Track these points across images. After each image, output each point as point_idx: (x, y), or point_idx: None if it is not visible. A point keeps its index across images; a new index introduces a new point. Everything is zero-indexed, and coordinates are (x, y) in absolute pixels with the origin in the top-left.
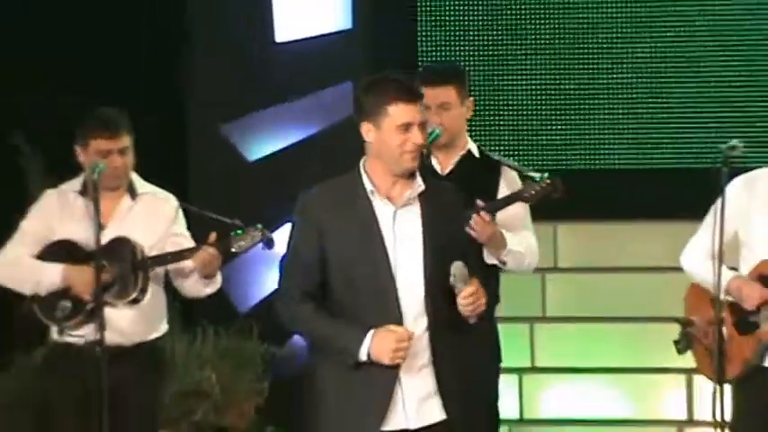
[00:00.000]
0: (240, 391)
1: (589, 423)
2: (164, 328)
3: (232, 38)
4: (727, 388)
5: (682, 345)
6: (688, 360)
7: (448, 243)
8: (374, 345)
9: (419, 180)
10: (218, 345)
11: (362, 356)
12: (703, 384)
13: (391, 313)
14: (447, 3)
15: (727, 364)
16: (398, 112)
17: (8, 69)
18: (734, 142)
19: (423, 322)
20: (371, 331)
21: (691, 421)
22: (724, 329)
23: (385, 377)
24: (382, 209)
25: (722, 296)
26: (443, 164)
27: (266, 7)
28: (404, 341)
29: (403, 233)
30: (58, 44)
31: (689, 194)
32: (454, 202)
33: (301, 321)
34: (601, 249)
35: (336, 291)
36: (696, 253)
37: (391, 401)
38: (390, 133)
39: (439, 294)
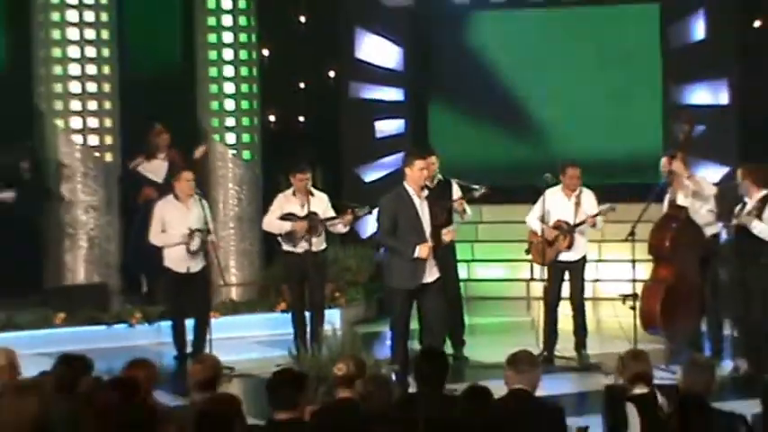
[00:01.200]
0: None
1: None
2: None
3: None
4: None
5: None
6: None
7: (438, 213)
8: (419, 250)
9: (426, 190)
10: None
11: (415, 255)
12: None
13: (422, 239)
14: None
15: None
16: (419, 163)
17: None
18: (547, 175)
19: (430, 242)
20: (417, 246)
21: None
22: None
23: (421, 262)
24: (416, 200)
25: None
26: (431, 183)
27: None
28: (429, 249)
29: (423, 210)
30: None
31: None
32: (439, 198)
33: (389, 241)
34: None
35: (400, 231)
36: (532, 216)
37: (422, 270)
38: (416, 171)
39: (435, 233)
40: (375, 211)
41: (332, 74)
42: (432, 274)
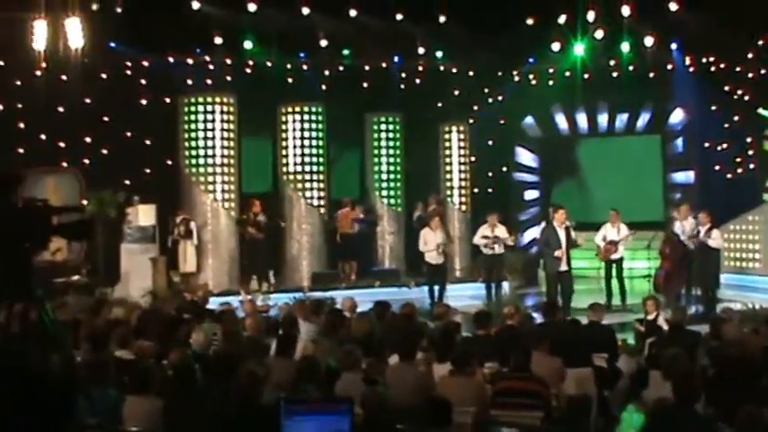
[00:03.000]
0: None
1: None
2: (502, 250)
3: None
4: None
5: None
6: None
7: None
8: (557, 253)
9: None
10: (515, 253)
11: (555, 254)
12: None
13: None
14: None
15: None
16: (559, 211)
17: None
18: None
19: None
20: (556, 251)
21: None
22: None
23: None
24: (559, 230)
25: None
26: (564, 222)
27: None
28: (562, 253)
29: (561, 235)
30: None
31: None
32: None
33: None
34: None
35: (552, 244)
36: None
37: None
38: (557, 215)
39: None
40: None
41: (505, 168)
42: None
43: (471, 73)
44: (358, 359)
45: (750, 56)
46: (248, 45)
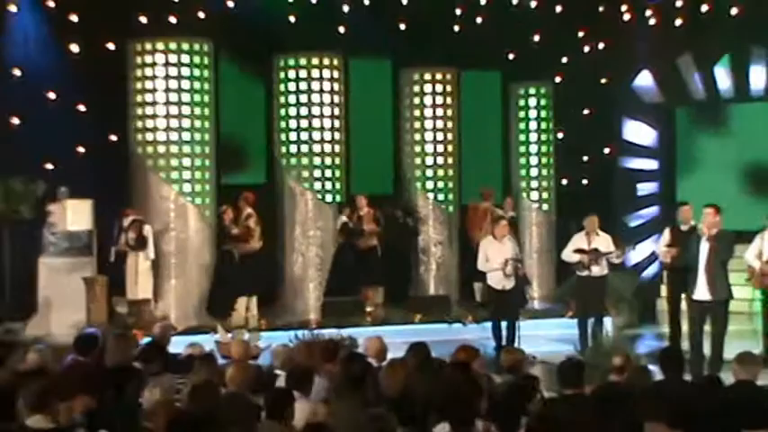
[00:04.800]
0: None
1: None
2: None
3: None
4: None
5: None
6: None
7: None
8: None
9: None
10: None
11: None
12: None
13: None
14: None
15: None
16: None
17: None
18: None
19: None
20: None
21: None
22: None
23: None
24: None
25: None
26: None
27: None
28: None
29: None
30: None
31: None
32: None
33: None
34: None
35: None
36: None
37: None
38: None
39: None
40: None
41: (607, 150)
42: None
43: (559, 8)
44: (390, 429)
45: None
46: None
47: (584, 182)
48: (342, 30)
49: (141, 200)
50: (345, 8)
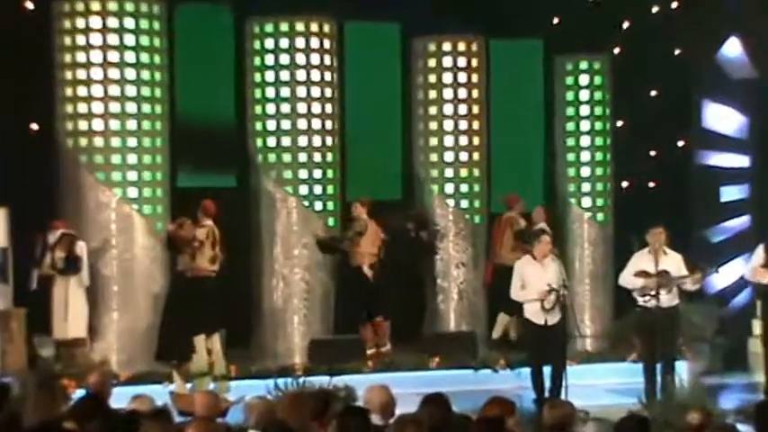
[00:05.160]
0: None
1: None
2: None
3: None
4: None
5: None
6: None
7: None
8: None
9: None
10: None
11: None
12: None
13: None
14: None
15: None
16: None
17: None
18: None
19: None
20: None
21: None
22: None
23: None
24: None
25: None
26: None
27: None
28: None
29: None
30: None
31: None
32: None
33: None
34: None
35: None
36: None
37: None
38: None
39: None
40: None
41: (681, 143)
42: None
43: None
44: None
45: None
46: None
47: (651, 184)
48: None
49: (72, 208)
50: None
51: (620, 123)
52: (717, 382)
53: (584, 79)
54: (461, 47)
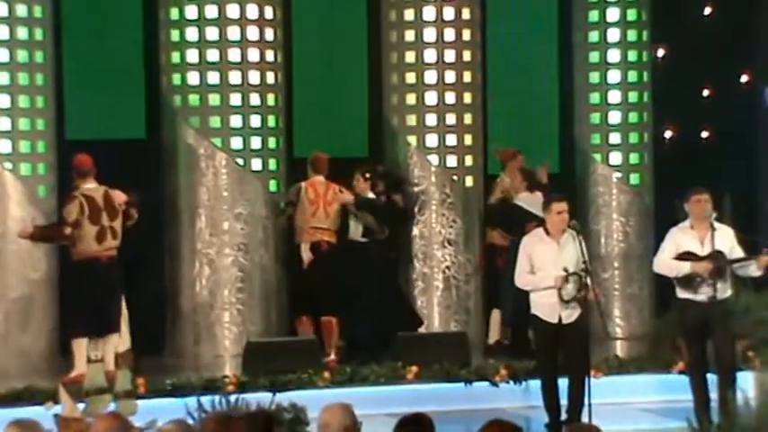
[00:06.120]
0: None
1: None
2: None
3: None
4: None
5: None
6: None
7: None
8: None
9: None
10: None
11: None
12: None
13: None
14: None
15: None
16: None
17: None
18: None
19: None
20: None
21: None
22: None
23: None
24: None
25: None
26: None
27: None
28: None
29: None
30: None
31: None
32: None
33: None
34: None
35: None
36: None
37: None
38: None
39: None
40: None
41: (744, 78)
42: None
43: None
44: None
45: None
46: None
47: (704, 134)
48: None
49: None
50: None
51: (661, 53)
52: None
53: None
54: None
